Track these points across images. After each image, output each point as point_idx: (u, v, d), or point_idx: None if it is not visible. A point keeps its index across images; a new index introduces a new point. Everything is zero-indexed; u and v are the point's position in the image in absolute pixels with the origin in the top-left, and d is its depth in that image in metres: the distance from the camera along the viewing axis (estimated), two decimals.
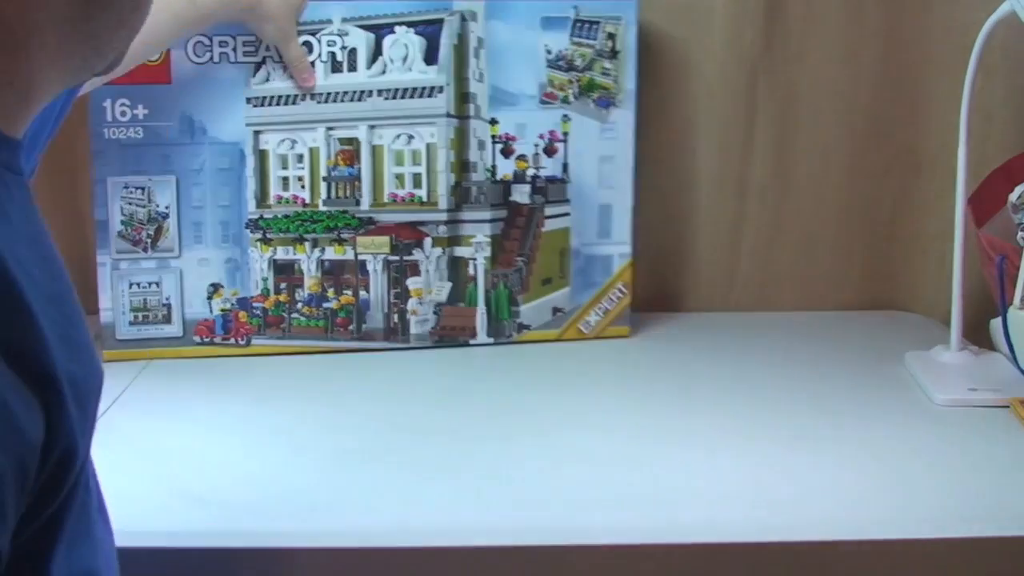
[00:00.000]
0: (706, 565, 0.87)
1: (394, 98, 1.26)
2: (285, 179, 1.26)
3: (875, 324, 1.43)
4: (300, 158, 1.26)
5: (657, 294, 1.46)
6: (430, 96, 1.26)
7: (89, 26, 0.59)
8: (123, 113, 1.20)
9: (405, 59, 1.25)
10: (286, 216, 1.26)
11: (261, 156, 1.25)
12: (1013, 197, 1.10)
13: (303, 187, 1.26)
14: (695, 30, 1.38)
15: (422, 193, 1.27)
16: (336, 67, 1.24)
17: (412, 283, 1.29)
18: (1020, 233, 1.09)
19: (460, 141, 1.27)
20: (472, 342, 1.31)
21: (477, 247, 1.29)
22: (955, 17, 1.34)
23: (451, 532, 0.88)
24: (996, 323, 1.19)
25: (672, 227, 1.45)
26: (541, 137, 1.29)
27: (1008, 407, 1.11)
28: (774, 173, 1.42)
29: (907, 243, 1.46)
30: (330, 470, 0.98)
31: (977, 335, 1.27)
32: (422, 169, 1.27)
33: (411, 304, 1.29)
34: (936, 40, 1.37)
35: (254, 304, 1.28)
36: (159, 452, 1.02)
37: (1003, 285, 1.13)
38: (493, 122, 1.28)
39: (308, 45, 1.23)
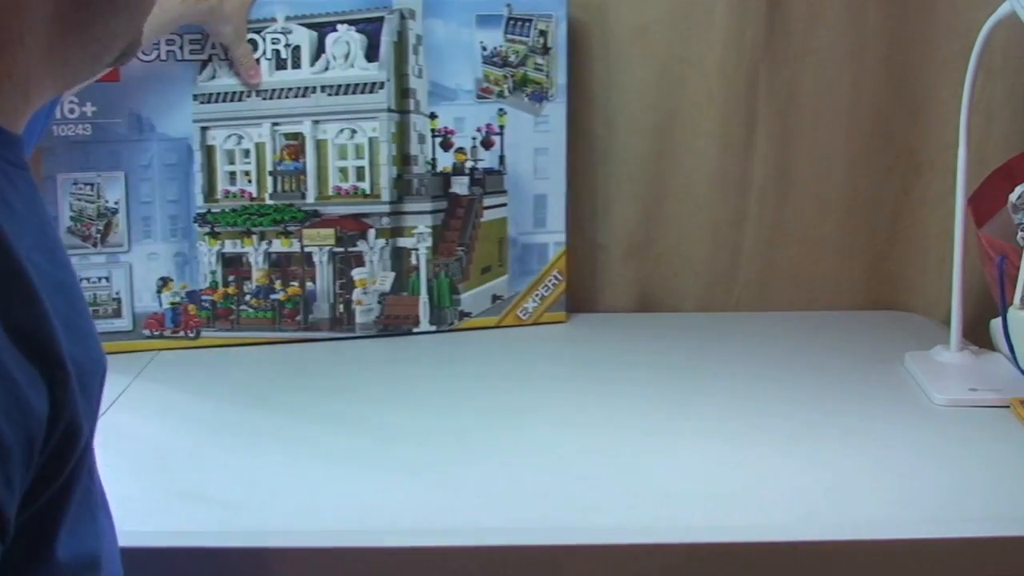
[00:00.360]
0: (702, 565, 0.87)
1: (337, 94, 1.30)
2: (232, 174, 1.29)
3: (875, 324, 1.43)
4: (247, 153, 1.29)
5: (657, 293, 1.49)
6: (372, 92, 1.30)
7: (80, 16, 0.60)
8: (72, 111, 1.22)
9: (347, 56, 1.29)
10: (233, 210, 1.30)
11: (208, 152, 1.28)
12: (1013, 197, 1.09)
13: (250, 181, 1.30)
14: (695, 29, 1.39)
15: (365, 186, 1.32)
16: (280, 64, 1.28)
17: (357, 274, 1.33)
18: (1020, 233, 1.08)
19: (401, 135, 1.32)
20: (416, 330, 1.36)
21: (419, 237, 1.34)
22: (956, 17, 1.36)
23: (432, 532, 0.88)
24: (996, 323, 1.19)
25: (672, 227, 1.46)
26: (478, 130, 1.34)
27: (1008, 407, 1.11)
28: (775, 173, 1.43)
29: (907, 243, 1.47)
30: (300, 468, 1.00)
31: (977, 335, 1.27)
32: (365, 163, 1.31)
33: (356, 294, 1.33)
34: (937, 40, 1.38)
35: (203, 297, 1.31)
36: (156, 451, 1.04)
37: (1003, 285, 1.13)
38: (432, 116, 1.33)
39: (253, 43, 1.26)
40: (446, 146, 1.34)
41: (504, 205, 1.37)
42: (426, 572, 0.88)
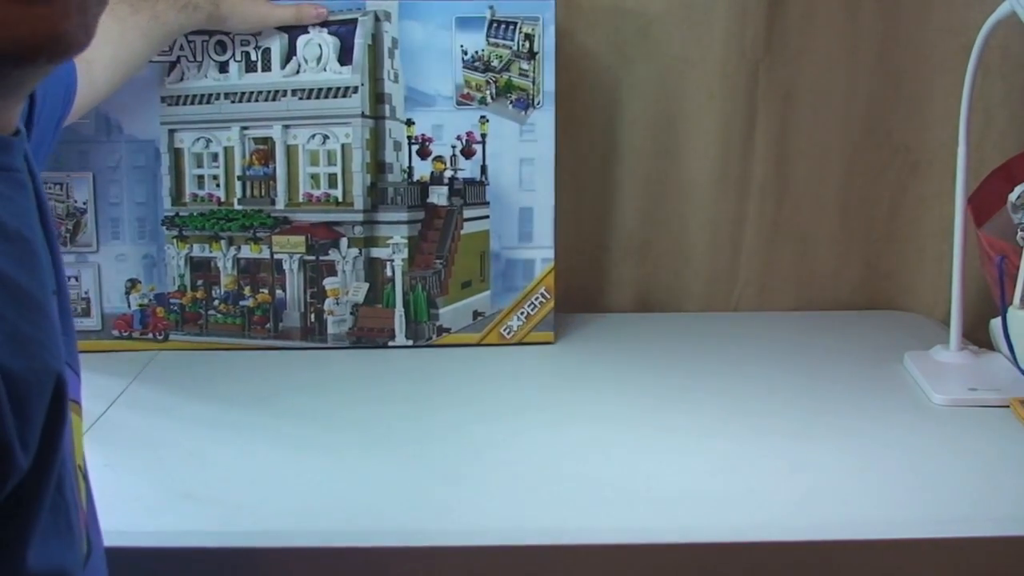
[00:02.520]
0: (702, 565, 0.88)
1: (309, 98, 1.26)
2: (200, 177, 1.27)
3: (875, 324, 1.42)
4: (215, 157, 1.27)
5: (657, 294, 1.47)
6: (345, 96, 1.25)
7: None
8: None
9: (319, 59, 1.25)
10: (202, 214, 1.28)
11: (176, 154, 1.27)
12: (1013, 197, 1.10)
13: (218, 186, 1.28)
14: (695, 29, 1.37)
15: (337, 193, 1.27)
16: (250, 67, 1.25)
17: (328, 283, 1.29)
18: (1020, 233, 1.09)
19: (375, 141, 1.27)
20: (391, 344, 1.31)
21: (394, 248, 1.29)
22: (954, 17, 1.34)
23: (431, 533, 0.89)
24: (996, 323, 1.20)
25: (672, 227, 1.45)
26: (458, 138, 1.28)
27: (1008, 407, 1.11)
28: (774, 173, 1.42)
29: (906, 242, 1.46)
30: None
31: (977, 335, 1.27)
32: (337, 169, 1.27)
33: (328, 304, 1.30)
34: (935, 39, 1.37)
35: (171, 300, 1.30)
36: (156, 451, 1.04)
37: (1003, 285, 1.13)
38: (409, 123, 1.27)
39: (222, 44, 1.24)
40: (423, 154, 1.28)
41: (486, 217, 1.30)
42: (425, 572, 0.87)
